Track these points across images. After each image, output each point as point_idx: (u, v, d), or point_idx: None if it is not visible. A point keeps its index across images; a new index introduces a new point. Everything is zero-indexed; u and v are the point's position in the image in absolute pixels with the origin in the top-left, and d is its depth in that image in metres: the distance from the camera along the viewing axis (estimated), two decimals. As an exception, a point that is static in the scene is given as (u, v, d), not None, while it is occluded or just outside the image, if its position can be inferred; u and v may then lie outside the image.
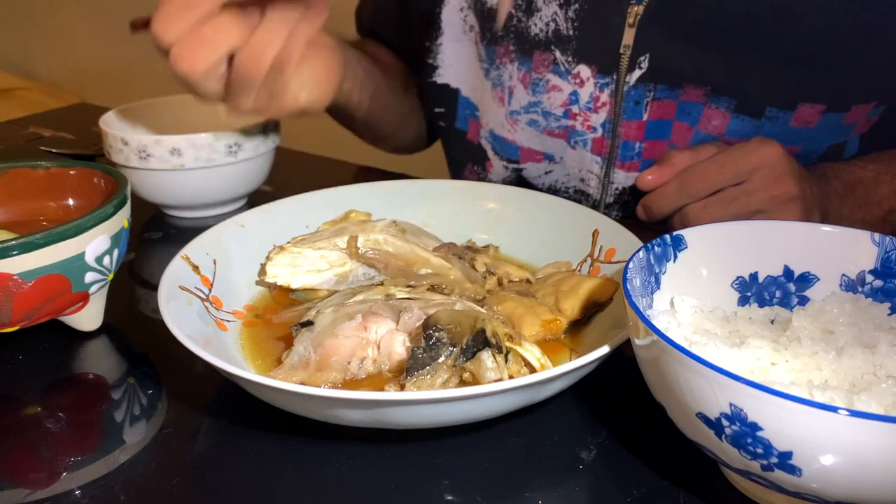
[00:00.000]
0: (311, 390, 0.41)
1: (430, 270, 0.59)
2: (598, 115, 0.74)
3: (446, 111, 0.87)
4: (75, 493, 0.43)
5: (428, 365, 0.46)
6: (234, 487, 0.44)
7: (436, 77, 0.85)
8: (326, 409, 0.43)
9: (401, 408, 0.42)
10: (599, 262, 0.60)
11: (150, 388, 0.52)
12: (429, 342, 0.47)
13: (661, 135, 0.72)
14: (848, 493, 0.35)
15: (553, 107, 0.76)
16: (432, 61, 0.84)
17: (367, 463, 0.45)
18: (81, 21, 2.33)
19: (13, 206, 0.62)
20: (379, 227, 0.61)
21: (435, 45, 0.83)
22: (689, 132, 0.71)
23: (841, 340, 0.43)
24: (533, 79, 0.76)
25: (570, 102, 0.75)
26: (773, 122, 0.68)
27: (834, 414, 0.32)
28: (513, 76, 0.77)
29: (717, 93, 0.69)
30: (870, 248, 0.47)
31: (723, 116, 0.69)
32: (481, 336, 0.47)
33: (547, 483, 0.44)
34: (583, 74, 0.73)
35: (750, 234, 0.49)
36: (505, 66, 0.78)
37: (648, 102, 0.71)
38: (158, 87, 1.00)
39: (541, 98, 0.76)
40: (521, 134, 0.79)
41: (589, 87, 0.73)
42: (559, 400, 0.50)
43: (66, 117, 1.17)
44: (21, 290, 0.50)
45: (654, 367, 0.40)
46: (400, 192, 0.70)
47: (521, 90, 0.77)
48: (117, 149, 0.74)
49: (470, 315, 0.49)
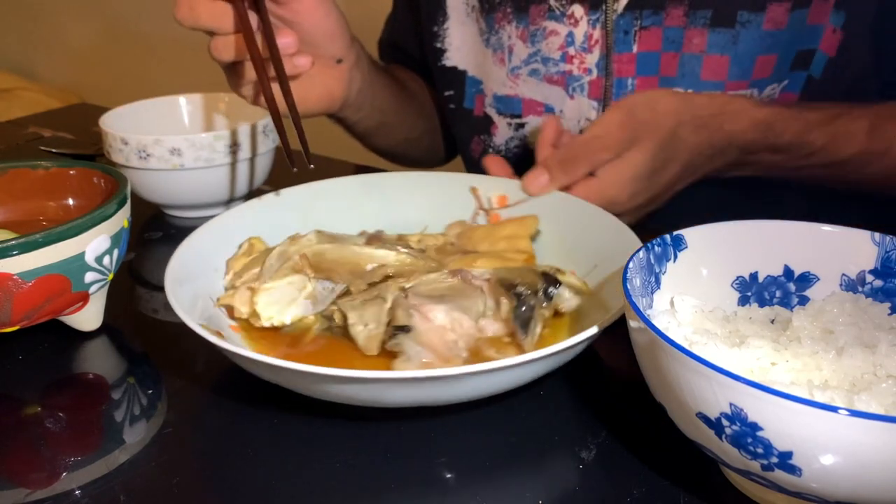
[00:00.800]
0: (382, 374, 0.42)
1: (377, 263, 0.59)
2: (593, 55, 0.77)
3: (455, 93, 0.90)
4: (75, 493, 0.43)
5: (531, 318, 0.51)
6: (234, 487, 0.44)
7: (444, 61, 0.88)
8: (397, 390, 0.44)
9: (469, 379, 0.43)
10: (495, 209, 0.67)
11: (150, 388, 0.52)
12: (520, 299, 0.51)
13: (651, 69, 0.75)
14: (848, 493, 0.35)
15: (552, 51, 0.79)
16: (440, 45, 0.88)
17: (376, 477, 0.45)
18: (81, 21, 2.33)
19: (13, 206, 0.62)
20: (312, 239, 0.60)
21: (442, 29, 0.87)
22: (675, 58, 0.74)
23: (841, 340, 0.43)
24: (531, 31, 0.80)
25: (567, 44, 0.78)
26: (746, 29, 0.71)
27: (834, 414, 0.32)
28: (511, 35, 0.81)
29: (694, 7, 0.72)
30: (870, 247, 0.47)
31: (701, 34, 0.72)
32: (551, 278, 0.53)
33: (547, 483, 0.44)
34: (576, 13, 0.77)
35: (750, 234, 0.49)
36: (504, 29, 0.82)
37: (637, 32, 0.74)
38: (158, 87, 1.00)
39: (539, 46, 0.80)
40: (522, 86, 0.82)
41: (583, 26, 0.77)
42: (559, 400, 0.50)
43: (66, 117, 1.17)
44: (21, 290, 0.50)
45: (654, 367, 0.40)
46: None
47: (521, 46, 0.81)
48: (117, 149, 0.74)
49: (515, 268, 0.56)
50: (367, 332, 0.52)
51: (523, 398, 0.50)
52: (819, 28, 0.71)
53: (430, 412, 0.49)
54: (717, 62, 0.73)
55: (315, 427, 0.48)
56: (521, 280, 0.53)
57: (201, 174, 0.74)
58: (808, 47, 0.73)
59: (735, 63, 0.72)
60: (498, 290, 0.53)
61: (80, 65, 2.39)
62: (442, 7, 0.86)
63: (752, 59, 0.72)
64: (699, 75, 0.73)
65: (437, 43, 0.88)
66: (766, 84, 0.73)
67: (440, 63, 0.88)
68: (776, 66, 0.72)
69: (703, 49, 0.73)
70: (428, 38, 0.89)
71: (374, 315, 0.52)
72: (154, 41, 1.94)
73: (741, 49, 0.72)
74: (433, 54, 0.89)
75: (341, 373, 0.41)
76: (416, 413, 0.49)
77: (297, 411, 0.49)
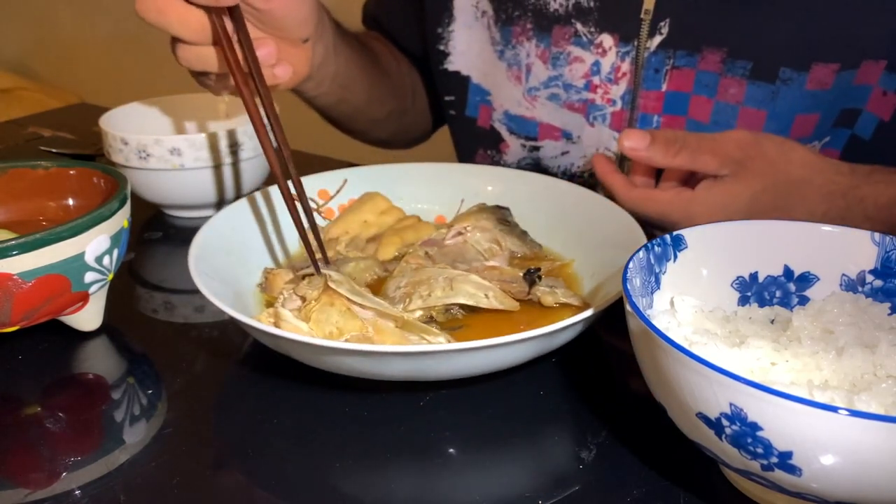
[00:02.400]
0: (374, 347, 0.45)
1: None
2: (618, 87, 0.74)
3: (456, 99, 0.87)
4: (75, 493, 0.43)
5: (538, 279, 0.58)
6: (235, 487, 0.44)
7: (447, 64, 0.85)
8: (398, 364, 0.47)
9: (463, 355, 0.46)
10: (323, 205, 0.69)
11: (150, 388, 0.52)
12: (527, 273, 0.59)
13: (680, 109, 0.73)
14: (848, 493, 0.35)
15: (574, 78, 0.76)
16: (443, 48, 0.84)
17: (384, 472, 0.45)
18: (81, 21, 2.33)
19: (13, 206, 0.62)
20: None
21: (447, 31, 0.83)
22: (709, 104, 0.72)
23: (841, 340, 0.43)
24: (553, 53, 0.77)
25: (592, 73, 0.75)
26: (788, 86, 0.68)
27: (834, 414, 0.32)
28: (530, 53, 0.78)
29: (733, 56, 0.69)
30: (870, 247, 0.47)
31: (739, 84, 0.70)
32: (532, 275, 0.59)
33: (547, 483, 0.44)
34: (605, 44, 0.74)
35: (750, 234, 0.49)
36: (522, 45, 0.78)
37: (668, 70, 0.72)
38: (158, 87, 1.00)
39: (562, 71, 0.77)
40: (540, 109, 0.80)
41: (611, 57, 0.74)
42: (559, 400, 0.50)
43: (66, 117, 1.17)
44: (21, 290, 0.50)
45: (654, 368, 0.40)
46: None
47: (540, 66, 0.78)
48: (117, 149, 0.74)
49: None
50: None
51: (523, 398, 0.50)
52: (866, 89, 0.69)
53: (435, 408, 0.49)
54: (754, 116, 0.70)
55: (316, 427, 0.48)
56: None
57: (201, 174, 0.74)
58: (854, 106, 0.70)
59: (772, 119, 0.69)
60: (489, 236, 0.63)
61: (80, 65, 2.39)
62: (448, 8, 0.82)
63: (791, 117, 0.69)
64: (733, 126, 0.70)
65: (440, 45, 0.84)
66: (806, 142, 0.70)
67: (442, 66, 0.85)
68: (818, 124, 0.70)
69: (739, 101, 0.70)
70: (431, 40, 0.85)
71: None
72: (154, 41, 1.93)
73: (780, 106, 0.69)
74: (435, 56, 0.86)
75: (340, 345, 0.45)
76: (427, 390, 0.49)
77: (297, 411, 0.49)
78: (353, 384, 0.51)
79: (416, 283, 0.56)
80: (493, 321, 0.55)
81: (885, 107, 0.70)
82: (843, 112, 0.70)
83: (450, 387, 0.51)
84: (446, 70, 0.86)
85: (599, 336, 0.57)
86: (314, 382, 0.51)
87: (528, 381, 0.52)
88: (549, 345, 0.49)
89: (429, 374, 0.48)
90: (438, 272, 0.57)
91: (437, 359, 0.46)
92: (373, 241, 0.65)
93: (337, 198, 0.70)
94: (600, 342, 0.56)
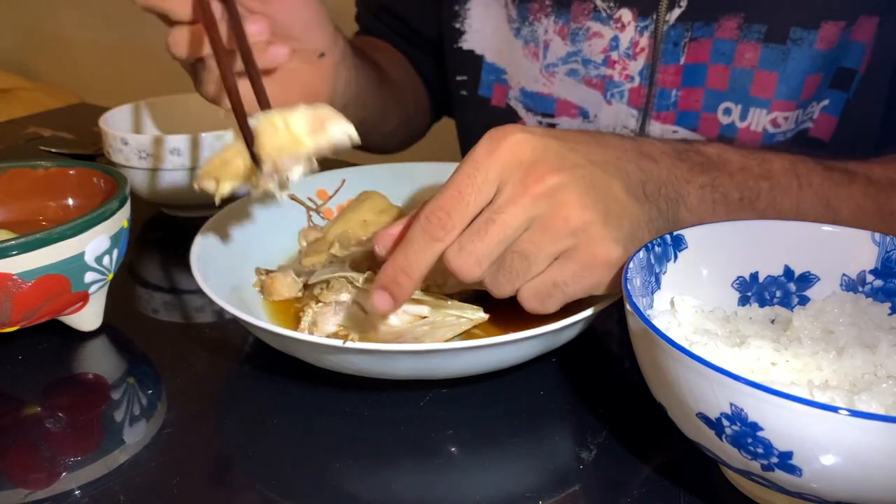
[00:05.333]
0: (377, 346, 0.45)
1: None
2: (637, 63, 0.74)
3: (469, 79, 0.86)
4: (75, 493, 0.43)
5: None
6: (235, 487, 0.44)
7: (461, 42, 0.84)
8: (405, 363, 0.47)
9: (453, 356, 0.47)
10: (321, 205, 0.68)
11: (150, 388, 0.52)
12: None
13: (697, 81, 0.72)
14: (848, 493, 0.35)
15: (594, 54, 0.76)
16: (459, 26, 0.84)
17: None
18: (81, 21, 2.33)
19: (13, 206, 0.62)
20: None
21: (464, 9, 0.83)
22: (726, 72, 0.71)
23: (841, 340, 0.43)
24: (572, 29, 0.76)
25: (611, 48, 0.75)
26: (799, 47, 0.68)
27: (834, 414, 0.32)
28: (548, 30, 0.78)
29: (749, 21, 0.69)
30: (870, 247, 0.47)
31: (754, 49, 0.69)
32: None
33: (547, 483, 0.44)
34: (624, 18, 0.73)
35: (750, 234, 0.49)
36: (539, 22, 0.78)
37: (686, 43, 0.71)
38: (158, 88, 1.00)
39: (580, 46, 0.76)
40: (558, 85, 0.79)
41: (629, 32, 0.73)
42: (559, 400, 0.50)
43: (66, 117, 1.17)
44: (21, 290, 0.50)
45: (654, 367, 0.39)
46: None
47: (559, 42, 0.77)
48: (117, 149, 0.74)
49: None
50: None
51: (523, 398, 0.50)
52: (860, 46, 0.68)
53: (436, 407, 0.49)
54: (767, 78, 0.69)
55: (316, 427, 0.48)
56: None
57: (201, 174, 0.74)
58: (849, 66, 0.70)
59: (783, 81, 0.69)
60: None
61: (80, 65, 2.39)
62: None
63: (802, 77, 0.69)
64: (749, 90, 0.70)
65: (455, 23, 0.83)
66: (808, 103, 0.70)
67: (456, 45, 0.84)
68: (819, 84, 0.70)
69: (754, 64, 0.70)
70: (446, 17, 0.84)
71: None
72: (154, 41, 1.93)
73: (790, 67, 0.68)
74: (449, 34, 0.84)
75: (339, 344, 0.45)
76: (428, 389, 0.49)
77: (298, 411, 0.49)
78: (354, 384, 0.51)
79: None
80: (507, 310, 0.56)
81: (870, 65, 0.69)
82: (838, 70, 0.70)
83: (450, 386, 0.51)
84: (460, 49, 0.84)
85: (599, 336, 0.57)
86: (314, 382, 0.51)
87: (528, 381, 0.52)
88: (551, 343, 0.49)
89: (433, 372, 0.48)
90: None
91: (442, 357, 0.46)
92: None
93: (335, 198, 0.70)
94: (600, 342, 0.56)
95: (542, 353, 0.50)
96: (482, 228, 0.46)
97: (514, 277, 0.47)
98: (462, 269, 0.46)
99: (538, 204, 0.45)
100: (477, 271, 0.46)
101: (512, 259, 0.46)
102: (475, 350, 0.46)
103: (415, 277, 0.47)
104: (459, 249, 0.46)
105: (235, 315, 0.48)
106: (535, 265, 0.46)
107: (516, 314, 0.55)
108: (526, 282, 0.47)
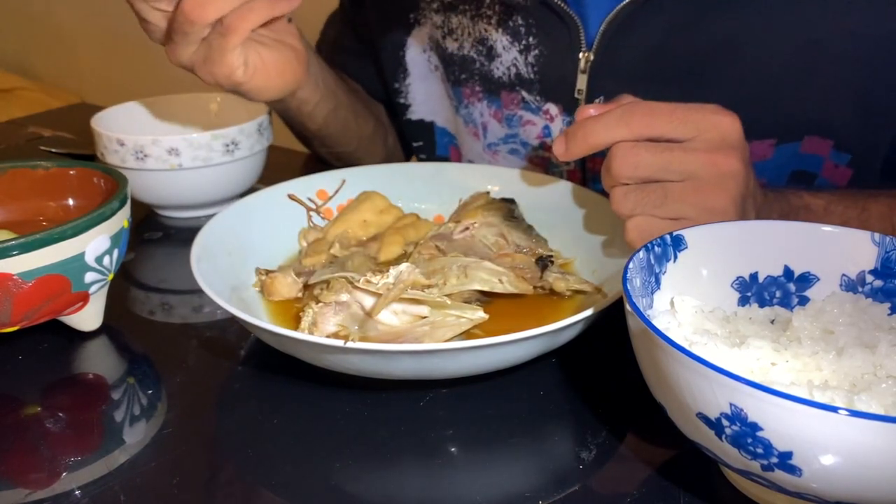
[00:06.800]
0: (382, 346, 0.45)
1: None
2: None
3: (424, 144, 0.88)
4: (75, 493, 0.43)
5: (550, 264, 0.60)
6: (235, 487, 0.44)
7: (409, 115, 0.86)
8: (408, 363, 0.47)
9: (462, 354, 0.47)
10: (322, 205, 0.69)
11: (150, 388, 0.52)
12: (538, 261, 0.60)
13: None
14: (848, 493, 0.35)
15: (530, 138, 0.78)
16: (403, 101, 0.85)
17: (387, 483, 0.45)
18: (81, 21, 2.33)
19: (13, 206, 0.62)
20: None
21: (404, 85, 0.84)
22: None
23: (841, 340, 0.43)
24: (506, 114, 0.78)
25: (544, 135, 0.77)
26: None
27: (834, 414, 0.32)
28: (484, 113, 0.79)
29: None
30: (870, 248, 0.47)
31: None
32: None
33: (547, 483, 0.44)
34: (552, 111, 0.75)
35: (750, 234, 0.49)
36: (474, 105, 0.79)
37: None
38: (158, 88, 1.00)
39: (516, 130, 0.78)
40: (502, 162, 0.81)
41: (559, 123, 0.75)
42: (559, 400, 0.50)
43: (66, 117, 1.17)
44: (21, 290, 0.50)
45: (654, 367, 0.40)
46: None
47: (496, 124, 0.79)
48: (112, 150, 0.73)
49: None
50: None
51: (523, 398, 0.50)
52: (818, 158, 0.69)
53: (435, 407, 0.49)
54: None
55: (316, 427, 0.48)
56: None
57: (199, 174, 0.74)
58: (807, 170, 0.70)
59: None
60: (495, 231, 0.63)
61: (80, 65, 2.39)
62: (402, 64, 0.83)
63: None
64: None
65: (400, 99, 0.85)
66: None
67: (406, 117, 0.86)
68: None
69: None
70: (391, 94, 0.86)
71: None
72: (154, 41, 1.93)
73: None
74: (398, 107, 0.86)
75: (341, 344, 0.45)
76: (428, 389, 0.49)
77: (297, 411, 0.50)
78: (354, 384, 0.51)
79: (430, 273, 0.56)
80: (507, 309, 0.56)
81: (838, 177, 0.70)
82: (794, 173, 0.70)
83: (450, 386, 0.51)
84: (410, 120, 0.86)
85: (599, 336, 0.57)
86: (314, 382, 0.51)
87: (528, 381, 0.52)
88: (551, 343, 0.49)
89: (433, 372, 0.48)
90: (452, 261, 0.57)
91: (442, 357, 0.46)
92: (373, 240, 0.65)
93: (335, 198, 0.70)
94: (600, 342, 0.56)
95: (542, 353, 0.50)
96: (661, 147, 0.51)
97: (640, 202, 0.51)
98: (621, 160, 0.51)
99: (709, 171, 0.51)
100: (629, 172, 0.51)
101: (655, 189, 0.51)
102: (475, 350, 0.46)
103: (589, 142, 0.53)
104: (632, 146, 0.52)
105: (235, 315, 0.48)
106: (665, 208, 0.51)
107: (516, 314, 0.55)
108: (645, 214, 0.52)
